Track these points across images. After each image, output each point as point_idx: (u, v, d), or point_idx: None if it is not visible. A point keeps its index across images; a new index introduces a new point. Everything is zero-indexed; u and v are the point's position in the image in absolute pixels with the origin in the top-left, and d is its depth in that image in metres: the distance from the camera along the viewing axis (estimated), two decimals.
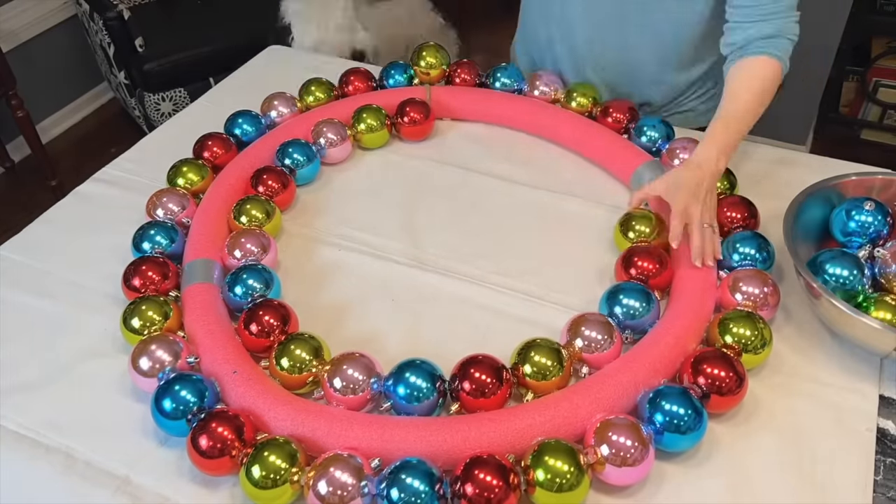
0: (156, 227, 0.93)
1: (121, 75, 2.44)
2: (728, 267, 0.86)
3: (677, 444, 0.70)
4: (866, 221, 0.86)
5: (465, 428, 0.69)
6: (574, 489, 0.65)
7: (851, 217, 0.87)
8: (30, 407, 0.79)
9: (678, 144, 1.02)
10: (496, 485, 0.63)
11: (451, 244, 0.97)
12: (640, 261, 0.86)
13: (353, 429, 0.70)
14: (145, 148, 1.18)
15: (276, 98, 1.17)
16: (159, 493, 0.71)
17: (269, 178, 1.01)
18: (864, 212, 0.86)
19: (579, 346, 0.78)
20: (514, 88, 1.18)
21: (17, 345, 0.86)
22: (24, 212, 1.25)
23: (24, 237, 1.01)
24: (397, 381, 0.74)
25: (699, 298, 0.81)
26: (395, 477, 0.65)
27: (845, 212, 0.87)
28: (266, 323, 0.81)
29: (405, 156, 1.13)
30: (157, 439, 0.75)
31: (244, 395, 0.74)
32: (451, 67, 1.22)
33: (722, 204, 0.92)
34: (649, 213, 0.92)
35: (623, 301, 0.81)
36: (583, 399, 0.72)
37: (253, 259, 0.90)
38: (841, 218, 0.88)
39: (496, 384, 0.73)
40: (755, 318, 0.77)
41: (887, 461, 0.71)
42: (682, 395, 0.70)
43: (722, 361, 0.73)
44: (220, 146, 1.08)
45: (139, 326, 0.81)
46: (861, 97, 2.38)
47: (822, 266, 0.81)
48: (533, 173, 1.08)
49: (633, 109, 1.10)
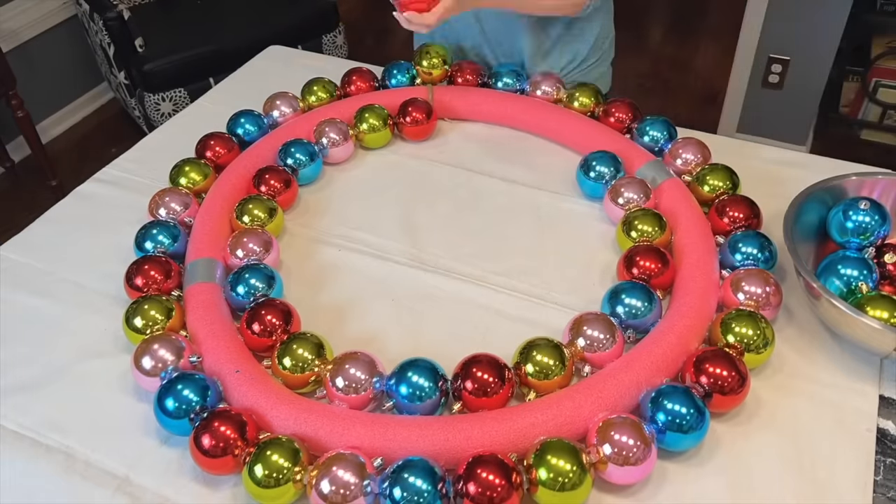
0: (158, 227, 0.94)
1: (121, 75, 2.44)
2: (731, 266, 0.87)
3: (679, 444, 0.70)
4: (864, 221, 0.86)
5: (468, 427, 0.69)
6: (576, 488, 0.65)
7: (849, 217, 0.86)
8: (30, 407, 0.79)
9: (680, 144, 1.02)
10: (499, 484, 0.64)
11: (452, 244, 0.97)
12: (643, 260, 0.86)
13: (355, 428, 0.70)
14: (146, 148, 1.18)
15: (278, 98, 1.17)
16: (160, 493, 0.71)
17: (271, 178, 1.02)
18: (860, 212, 0.86)
19: (581, 346, 0.78)
20: (517, 88, 1.18)
21: (18, 344, 0.86)
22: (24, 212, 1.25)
23: (25, 237, 1.01)
24: (400, 380, 0.74)
25: (701, 298, 0.82)
26: (397, 476, 0.65)
27: (842, 212, 0.87)
28: (268, 322, 0.81)
29: (407, 156, 1.14)
30: (157, 439, 0.75)
31: (246, 394, 0.74)
32: (453, 67, 1.22)
33: (725, 204, 0.92)
34: (653, 212, 0.92)
35: (625, 300, 0.81)
36: (585, 398, 0.72)
37: (255, 259, 0.90)
38: (838, 219, 0.87)
39: (498, 383, 0.74)
40: (757, 318, 0.77)
41: (887, 461, 0.72)
42: (684, 394, 0.71)
43: (724, 361, 0.73)
44: (223, 146, 1.09)
45: (142, 326, 0.81)
46: (861, 97, 2.39)
47: (835, 268, 0.81)
48: (535, 173, 1.08)
49: (635, 109, 1.10)
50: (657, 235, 0.90)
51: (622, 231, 0.93)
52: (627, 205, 0.95)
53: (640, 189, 0.96)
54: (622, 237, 0.93)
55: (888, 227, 0.86)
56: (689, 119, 2.24)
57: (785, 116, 2.35)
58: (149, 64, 2.35)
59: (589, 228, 0.99)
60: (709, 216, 0.94)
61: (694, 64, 3.00)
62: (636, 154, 1.03)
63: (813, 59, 2.20)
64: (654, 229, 0.90)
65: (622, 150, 1.03)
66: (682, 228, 0.91)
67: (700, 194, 0.97)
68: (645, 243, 0.89)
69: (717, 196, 0.95)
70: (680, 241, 0.90)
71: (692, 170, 1.00)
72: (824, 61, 2.19)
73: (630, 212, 0.94)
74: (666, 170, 1.00)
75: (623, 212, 0.95)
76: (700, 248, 0.87)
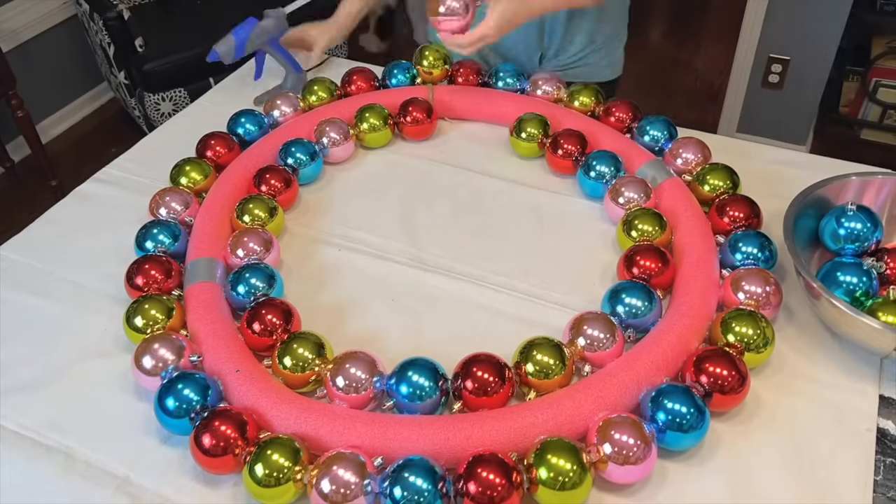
0: (159, 226, 0.94)
1: (121, 75, 2.44)
2: (731, 266, 0.87)
3: (680, 443, 0.70)
4: (856, 228, 0.85)
5: (468, 426, 0.69)
6: (577, 487, 0.65)
7: (841, 225, 0.85)
8: (30, 407, 0.79)
9: (681, 144, 1.02)
10: (499, 483, 0.64)
11: (452, 244, 0.97)
12: (643, 260, 0.86)
13: (356, 427, 0.70)
14: (146, 148, 1.18)
15: (278, 97, 1.17)
16: (160, 493, 0.71)
17: (271, 178, 1.02)
18: (852, 219, 0.84)
19: (582, 345, 0.78)
20: (517, 88, 1.18)
21: (18, 344, 0.86)
22: (24, 212, 1.25)
23: (25, 237, 1.01)
24: (400, 379, 0.74)
25: (701, 297, 0.82)
26: (398, 475, 0.65)
27: (835, 219, 0.86)
28: (268, 322, 0.81)
29: (407, 155, 1.14)
30: (157, 439, 0.75)
31: (247, 393, 0.74)
32: (453, 67, 1.22)
33: (725, 203, 0.92)
34: (653, 212, 0.92)
35: (625, 300, 0.81)
36: (585, 397, 0.72)
37: (255, 258, 0.90)
38: (831, 226, 0.86)
39: (499, 383, 0.74)
40: (757, 317, 0.77)
41: (887, 461, 0.72)
42: (684, 393, 0.71)
43: (724, 360, 0.73)
44: (223, 145, 1.09)
45: (142, 325, 0.81)
46: (861, 97, 2.39)
47: (834, 276, 0.81)
48: (535, 173, 1.08)
49: (635, 109, 1.10)
50: (657, 235, 0.90)
51: (622, 230, 0.93)
52: (628, 204, 0.95)
53: (641, 188, 0.96)
54: (622, 237, 0.93)
55: (880, 232, 0.85)
56: (689, 119, 2.24)
57: (785, 116, 2.35)
58: (149, 64, 2.35)
59: (589, 228, 0.99)
60: (709, 216, 0.94)
61: (694, 64, 3.00)
62: (636, 153, 1.03)
63: (813, 59, 2.20)
64: (654, 229, 0.90)
65: (622, 149, 1.03)
66: (682, 228, 0.91)
67: (700, 194, 0.97)
68: (645, 243, 0.89)
69: (718, 196, 0.95)
70: (680, 240, 0.90)
71: (692, 169, 1.00)
72: (824, 61, 2.20)
73: (630, 211, 0.94)
74: (666, 169, 1.00)
75: (623, 211, 0.95)
76: (700, 248, 0.87)
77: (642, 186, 0.96)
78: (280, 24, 1.22)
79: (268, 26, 1.20)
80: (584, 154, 1.03)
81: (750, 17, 2.23)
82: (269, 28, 1.20)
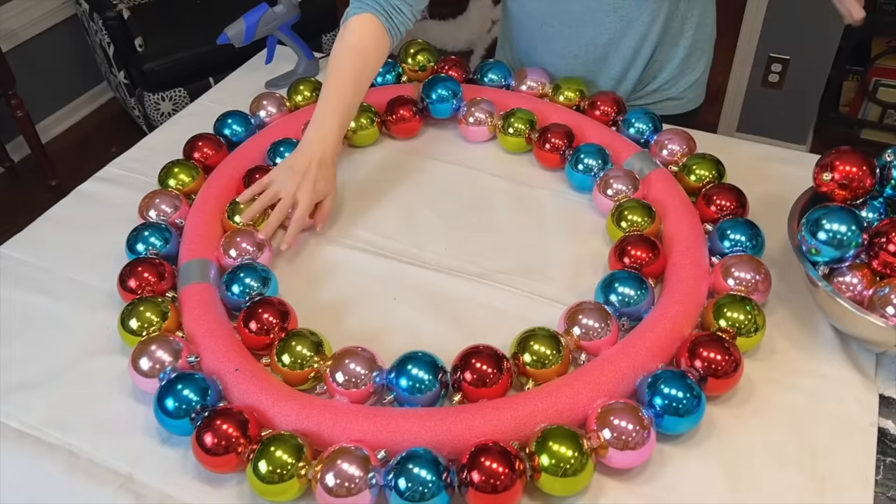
0: (149, 229, 0.93)
1: (120, 75, 2.42)
2: (720, 253, 0.88)
3: (677, 427, 0.72)
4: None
5: (470, 417, 0.70)
6: (578, 473, 0.66)
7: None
8: (32, 405, 0.79)
9: (665, 136, 1.04)
10: (502, 472, 0.64)
11: (441, 239, 0.97)
12: (634, 250, 0.87)
13: (357, 421, 0.71)
14: (147, 147, 1.18)
15: (264, 98, 1.17)
16: (162, 491, 0.71)
17: (261, 178, 1.01)
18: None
19: (577, 334, 0.79)
20: (502, 84, 1.19)
21: (19, 343, 0.85)
22: (24, 212, 1.24)
23: (26, 236, 1.01)
24: (399, 373, 0.75)
25: (693, 284, 0.83)
26: (402, 467, 0.65)
27: None
28: (265, 321, 0.81)
29: (396, 153, 1.14)
30: (159, 437, 0.75)
31: (247, 392, 0.74)
32: (438, 64, 1.22)
33: (712, 193, 0.94)
34: (642, 202, 0.94)
35: (618, 289, 0.82)
36: (583, 385, 0.73)
37: (249, 258, 0.90)
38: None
39: (497, 374, 0.74)
40: (748, 302, 0.79)
41: (887, 461, 0.72)
42: (680, 378, 0.72)
43: (717, 345, 0.75)
44: (211, 147, 1.08)
45: (137, 328, 0.81)
46: (861, 97, 2.40)
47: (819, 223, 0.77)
48: (523, 168, 1.09)
49: (620, 102, 1.11)
50: (647, 225, 0.91)
51: (612, 222, 0.94)
52: (616, 196, 0.97)
53: (629, 180, 0.97)
54: (612, 227, 0.94)
55: None
56: None
57: (785, 116, 2.36)
58: (148, 64, 2.33)
59: (579, 220, 1.00)
60: (696, 205, 0.95)
61: None
62: (623, 146, 1.05)
63: (813, 59, 2.20)
64: (643, 219, 0.92)
65: (609, 142, 1.05)
66: (671, 217, 0.92)
67: (687, 184, 0.98)
68: (635, 233, 0.91)
69: (704, 185, 0.97)
70: (669, 229, 0.91)
71: (678, 160, 1.02)
72: (824, 61, 2.20)
73: (619, 203, 0.95)
74: (653, 161, 1.01)
75: (612, 203, 0.96)
76: (689, 236, 0.89)
77: (630, 178, 0.98)
78: (291, 10, 1.25)
79: (279, 12, 1.24)
80: (572, 148, 1.04)
81: (750, 17, 2.23)
82: (281, 14, 1.24)
